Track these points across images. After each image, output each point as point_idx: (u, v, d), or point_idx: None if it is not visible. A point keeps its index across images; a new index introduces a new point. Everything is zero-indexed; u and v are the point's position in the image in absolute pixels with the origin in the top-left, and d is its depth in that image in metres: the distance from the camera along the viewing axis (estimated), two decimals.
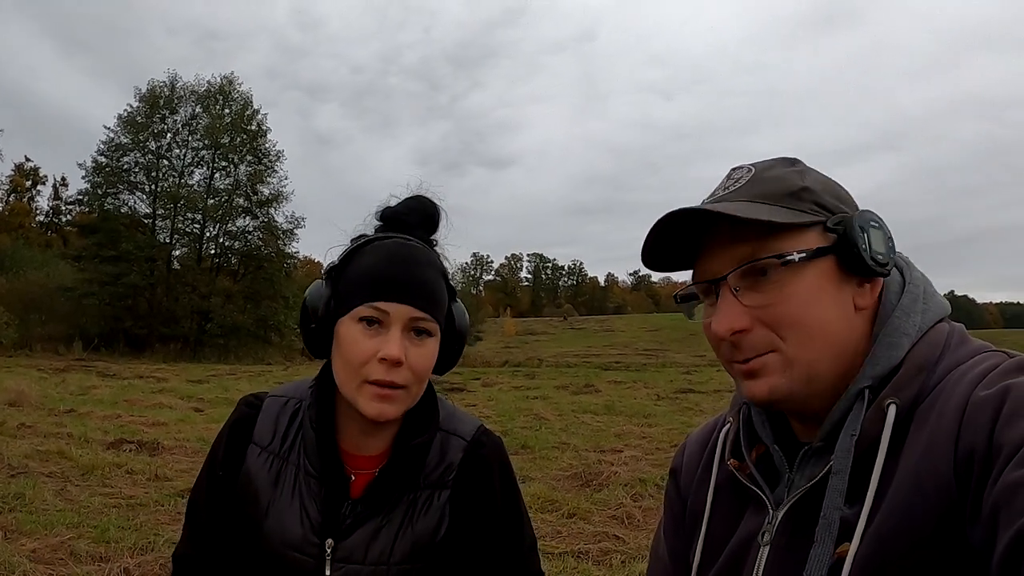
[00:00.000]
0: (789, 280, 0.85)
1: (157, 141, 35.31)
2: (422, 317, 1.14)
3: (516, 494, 1.31)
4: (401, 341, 1.11)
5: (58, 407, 10.40)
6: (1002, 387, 0.73)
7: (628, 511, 5.62)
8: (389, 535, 1.19)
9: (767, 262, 0.85)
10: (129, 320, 31.87)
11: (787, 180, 0.89)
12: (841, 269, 0.86)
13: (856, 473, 0.80)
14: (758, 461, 0.96)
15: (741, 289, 0.86)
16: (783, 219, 0.85)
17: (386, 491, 1.20)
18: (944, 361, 0.83)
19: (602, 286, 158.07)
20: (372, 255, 1.16)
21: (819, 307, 0.85)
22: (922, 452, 0.76)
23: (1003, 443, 0.69)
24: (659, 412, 12.03)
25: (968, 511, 0.71)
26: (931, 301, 0.90)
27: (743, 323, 0.86)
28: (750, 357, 0.87)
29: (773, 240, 0.85)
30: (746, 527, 0.94)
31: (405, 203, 1.25)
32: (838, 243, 0.86)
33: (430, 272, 1.18)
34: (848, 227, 0.85)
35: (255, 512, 1.22)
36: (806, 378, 0.85)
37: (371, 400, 1.12)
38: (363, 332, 1.12)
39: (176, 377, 17.53)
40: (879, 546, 0.75)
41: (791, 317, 0.84)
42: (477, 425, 1.30)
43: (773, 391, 0.86)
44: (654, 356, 40.23)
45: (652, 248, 0.93)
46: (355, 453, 1.22)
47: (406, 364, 1.12)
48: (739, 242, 0.86)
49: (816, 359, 0.85)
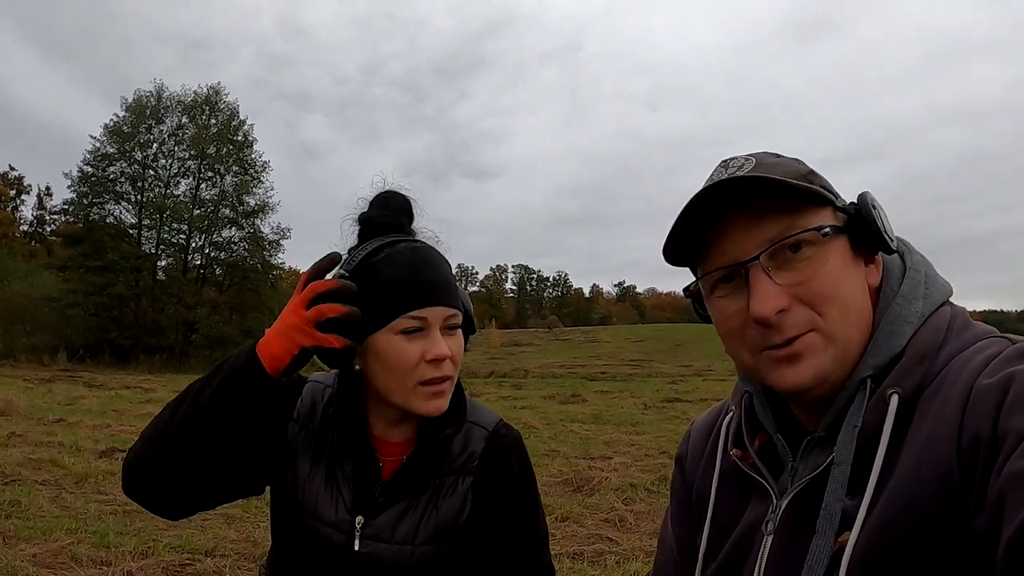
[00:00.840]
0: (820, 256, 0.84)
1: (143, 151, 35.19)
2: (454, 314, 1.21)
3: (533, 485, 1.36)
4: (443, 340, 1.18)
5: (47, 416, 10.37)
6: (1006, 375, 0.73)
7: (620, 514, 5.69)
8: (415, 517, 1.24)
9: (804, 236, 0.84)
10: (114, 331, 31.62)
11: (794, 165, 0.90)
12: (854, 248, 0.87)
13: (859, 463, 0.80)
14: (761, 450, 0.96)
15: (772, 269, 0.84)
16: (816, 191, 0.85)
17: (415, 475, 1.26)
18: (947, 348, 0.83)
19: (587, 297, 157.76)
20: (392, 264, 1.19)
21: (848, 282, 0.85)
22: (925, 441, 0.76)
23: (1008, 431, 0.68)
24: (646, 421, 12.11)
25: (972, 500, 0.70)
26: (932, 285, 0.89)
27: (784, 302, 0.83)
28: (791, 338, 0.84)
29: (799, 217, 0.85)
30: (750, 516, 0.94)
31: (379, 204, 1.28)
32: (850, 222, 0.87)
33: (448, 268, 1.24)
34: (862, 204, 0.87)
35: (292, 484, 1.27)
36: (842, 357, 0.84)
37: (427, 400, 1.18)
38: (405, 340, 1.17)
39: (163, 388, 17.39)
40: (879, 535, 0.75)
41: (829, 292, 0.83)
42: (497, 419, 1.36)
43: (819, 372, 0.84)
44: (640, 366, 40.10)
45: (678, 235, 0.90)
46: (382, 439, 1.28)
47: (450, 357, 1.19)
48: (765, 221, 0.85)
49: (852, 336, 0.84)
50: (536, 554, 1.34)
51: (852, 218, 0.87)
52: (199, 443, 1.12)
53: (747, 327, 0.86)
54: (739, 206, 0.85)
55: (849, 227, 0.87)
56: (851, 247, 0.87)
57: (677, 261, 0.95)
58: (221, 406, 1.12)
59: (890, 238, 0.87)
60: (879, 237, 0.86)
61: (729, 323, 0.89)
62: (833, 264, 0.84)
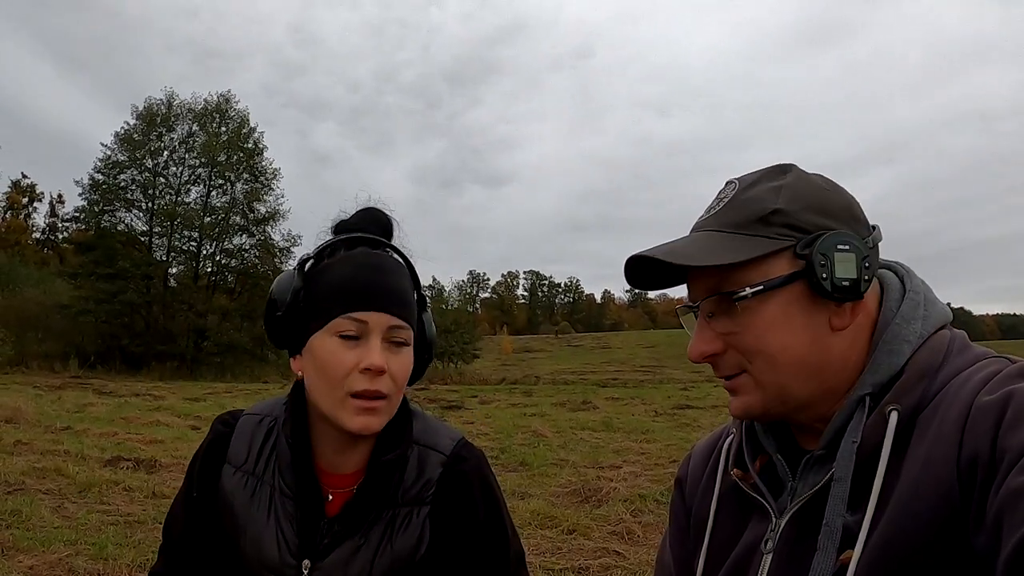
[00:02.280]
0: (754, 309, 0.87)
1: (154, 159, 35.33)
2: (399, 325, 1.13)
3: (499, 507, 1.27)
4: (382, 350, 1.11)
5: (55, 424, 10.35)
6: (1005, 393, 0.74)
7: (628, 527, 5.60)
8: (368, 554, 1.16)
9: (726, 295, 0.88)
10: (125, 338, 31.73)
11: (760, 203, 0.89)
12: (813, 292, 0.86)
13: (858, 480, 0.80)
14: (762, 471, 0.96)
15: (716, 314, 0.90)
16: (739, 257, 0.86)
17: (363, 509, 1.18)
18: (946, 368, 0.83)
19: (598, 303, 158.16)
20: (343, 265, 1.15)
21: (782, 334, 0.86)
22: (924, 458, 0.76)
23: (1007, 449, 0.69)
24: (657, 428, 12.02)
25: (972, 517, 0.71)
26: (932, 308, 0.90)
27: (714, 348, 0.91)
28: (726, 376, 0.92)
29: (738, 272, 0.87)
30: (750, 535, 0.94)
31: (358, 215, 1.24)
32: (807, 268, 0.85)
33: (403, 279, 1.17)
34: (812, 254, 0.85)
35: (232, 532, 1.21)
36: (779, 398, 0.89)
37: (355, 414, 1.10)
38: (341, 345, 1.10)
39: (173, 395, 17.44)
40: (882, 553, 0.75)
41: (753, 345, 0.88)
42: (457, 439, 1.27)
43: (747, 409, 0.91)
44: (651, 373, 40.16)
45: (634, 274, 0.97)
46: (331, 472, 1.20)
47: (387, 372, 1.11)
48: (706, 273, 0.90)
49: (784, 382, 0.87)
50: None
51: (808, 265, 0.85)
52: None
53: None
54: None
55: (807, 273, 0.85)
56: (811, 291, 0.86)
57: (655, 287, 1.01)
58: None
59: (841, 288, 0.84)
60: (822, 288, 0.84)
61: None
62: (768, 317, 0.86)
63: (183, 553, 1.26)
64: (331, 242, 1.19)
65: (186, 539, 1.26)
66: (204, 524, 1.24)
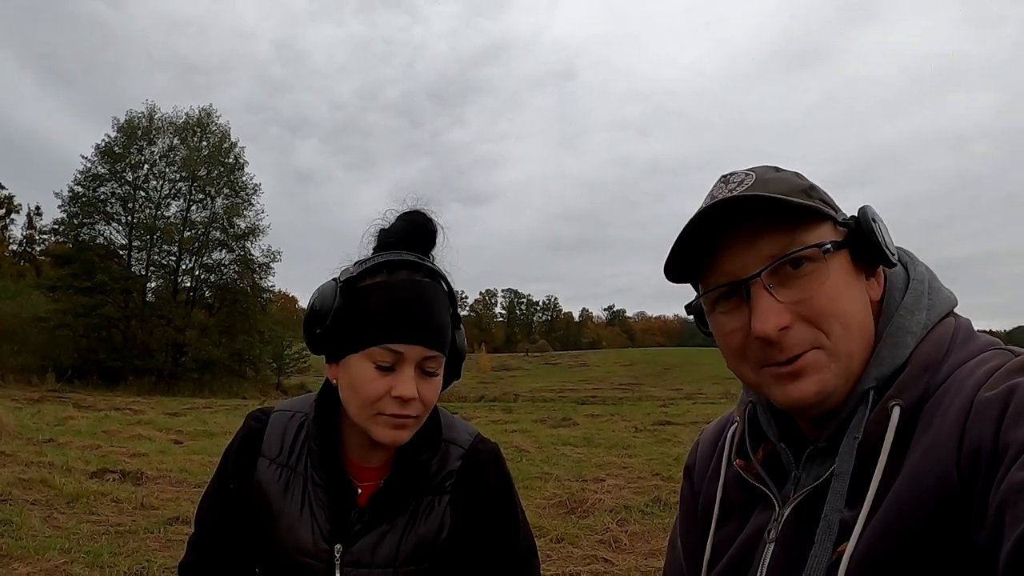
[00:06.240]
0: (821, 272, 0.84)
1: (134, 172, 35.25)
2: (433, 356, 1.18)
3: (512, 498, 1.36)
4: (414, 380, 1.16)
5: (36, 436, 10.26)
6: (1007, 387, 0.73)
7: (615, 535, 5.67)
8: (394, 539, 1.25)
9: (805, 253, 0.84)
10: (103, 352, 31.48)
11: (794, 180, 0.89)
12: (855, 263, 0.87)
13: (859, 475, 0.80)
14: (766, 459, 0.97)
15: (773, 286, 0.84)
16: (816, 208, 0.85)
17: (391, 500, 1.26)
18: (949, 359, 0.83)
19: (576, 321, 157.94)
20: (383, 293, 1.17)
21: (850, 298, 0.85)
22: (925, 453, 0.76)
23: (1009, 443, 0.68)
24: (638, 443, 12.04)
25: (972, 511, 0.70)
26: (936, 296, 0.90)
27: (786, 320, 0.83)
28: (793, 356, 0.84)
29: (799, 233, 0.85)
30: (754, 524, 0.95)
31: (402, 222, 1.26)
32: (850, 236, 0.87)
33: (440, 308, 1.20)
34: (862, 219, 0.87)
35: (267, 520, 1.28)
36: (846, 372, 0.85)
37: (386, 429, 1.17)
38: (375, 371, 1.16)
39: (152, 410, 17.27)
40: (877, 545, 0.75)
41: (830, 309, 0.84)
42: (474, 434, 1.37)
43: (822, 388, 0.84)
44: (630, 390, 40.16)
45: (679, 253, 0.91)
46: (359, 464, 1.29)
47: (417, 399, 1.17)
48: (765, 238, 0.85)
49: (855, 351, 0.85)
50: (522, 567, 1.36)
51: (852, 232, 0.87)
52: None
53: (749, 343, 0.87)
54: (739, 223, 0.86)
55: (849, 241, 0.87)
56: (852, 261, 0.87)
57: (678, 278, 0.96)
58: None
59: (891, 252, 0.87)
60: (879, 251, 0.86)
61: (731, 339, 0.90)
62: (834, 280, 0.84)
63: (216, 543, 1.34)
64: (373, 264, 1.20)
65: (219, 529, 1.33)
66: (237, 515, 1.31)
